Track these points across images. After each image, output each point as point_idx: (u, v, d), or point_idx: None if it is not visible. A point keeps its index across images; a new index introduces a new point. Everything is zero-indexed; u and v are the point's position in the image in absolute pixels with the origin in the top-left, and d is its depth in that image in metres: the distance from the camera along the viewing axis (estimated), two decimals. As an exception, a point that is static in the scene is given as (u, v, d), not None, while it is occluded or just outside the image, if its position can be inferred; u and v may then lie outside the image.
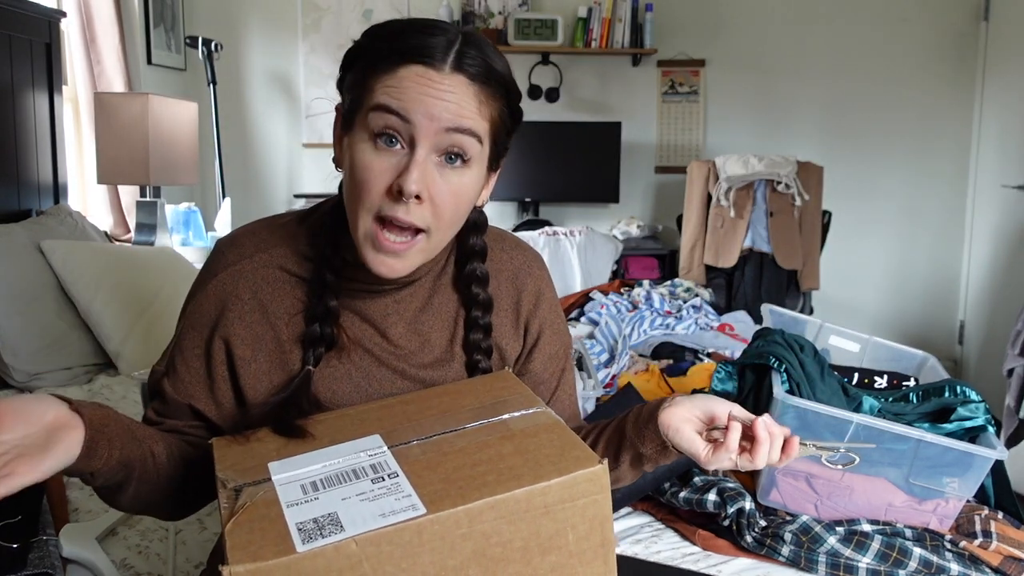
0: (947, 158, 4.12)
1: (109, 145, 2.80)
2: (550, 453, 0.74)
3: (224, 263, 0.93)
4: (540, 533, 0.70)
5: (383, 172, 0.83)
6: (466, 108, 0.83)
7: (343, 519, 0.67)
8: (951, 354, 4.21)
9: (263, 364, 0.92)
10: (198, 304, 0.93)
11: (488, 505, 0.68)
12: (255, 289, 0.92)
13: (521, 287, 1.01)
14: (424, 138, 0.82)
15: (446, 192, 0.84)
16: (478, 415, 0.82)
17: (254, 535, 0.66)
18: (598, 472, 0.71)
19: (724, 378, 1.60)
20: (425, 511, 0.67)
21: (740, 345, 2.27)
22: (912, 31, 4.06)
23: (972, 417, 1.40)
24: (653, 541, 1.37)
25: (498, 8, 4.03)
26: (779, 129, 4.16)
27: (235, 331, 0.92)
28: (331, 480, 0.73)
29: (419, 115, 0.81)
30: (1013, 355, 2.73)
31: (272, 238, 0.95)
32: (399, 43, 0.83)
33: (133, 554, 1.30)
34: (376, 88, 0.83)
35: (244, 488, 0.73)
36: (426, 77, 0.81)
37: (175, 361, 0.94)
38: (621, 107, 4.18)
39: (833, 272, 3.99)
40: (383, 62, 0.83)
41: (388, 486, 0.71)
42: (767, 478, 1.40)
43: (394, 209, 0.83)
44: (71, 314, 2.23)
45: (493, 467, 0.72)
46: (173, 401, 0.93)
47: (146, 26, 3.55)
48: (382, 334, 0.95)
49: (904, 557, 1.23)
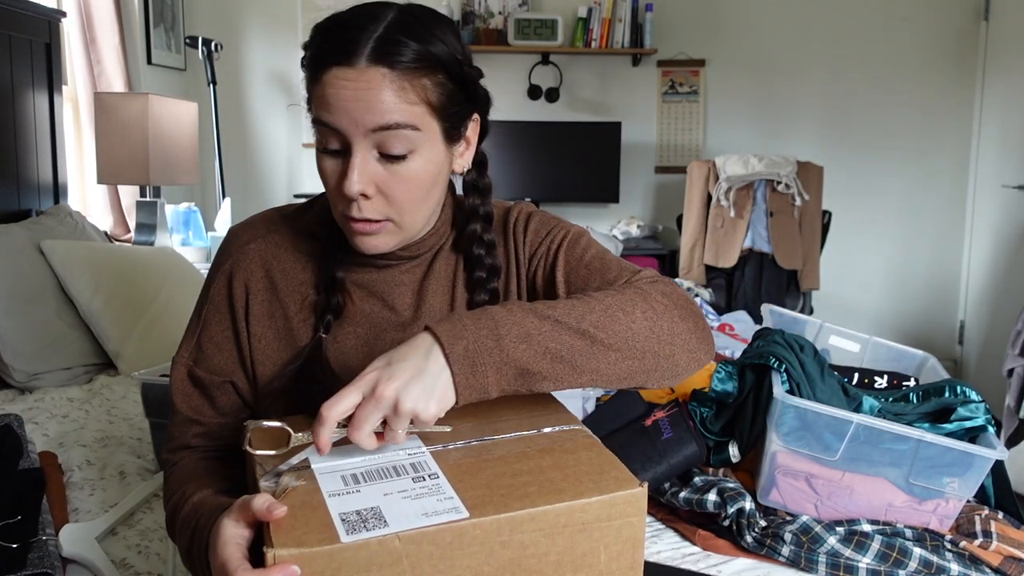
0: (947, 158, 4.12)
1: (109, 145, 2.80)
2: (589, 471, 0.73)
3: (238, 244, 0.97)
4: (575, 550, 0.70)
5: (333, 174, 0.86)
6: (387, 102, 0.82)
7: (386, 514, 0.67)
8: (951, 354, 4.20)
9: (272, 341, 0.95)
10: (218, 287, 0.96)
11: (530, 516, 0.68)
12: (267, 267, 0.95)
13: (507, 226, 1.00)
14: (356, 140, 0.83)
15: (395, 183, 0.86)
16: (517, 426, 0.82)
17: (297, 520, 0.66)
18: (637, 495, 0.71)
19: (724, 378, 1.60)
20: (468, 515, 0.67)
21: (740, 345, 2.27)
22: (912, 31, 4.06)
23: (972, 417, 1.40)
24: (653, 541, 1.37)
25: (498, 8, 4.03)
26: (779, 129, 4.16)
27: (252, 308, 0.94)
28: (372, 475, 0.72)
29: (344, 122, 0.82)
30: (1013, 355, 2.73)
31: (282, 221, 0.99)
32: (322, 44, 0.84)
33: (133, 554, 1.30)
34: (313, 97, 0.85)
35: (284, 472, 0.73)
36: (343, 79, 0.81)
37: (203, 346, 0.96)
38: (621, 107, 4.18)
39: (833, 272, 3.99)
40: (312, 68, 0.84)
41: (429, 486, 0.71)
42: (767, 478, 1.40)
43: (349, 208, 0.86)
44: (71, 314, 2.23)
45: (534, 479, 0.72)
46: (211, 384, 0.95)
47: (146, 26, 3.55)
48: (389, 306, 0.96)
49: (904, 557, 1.23)
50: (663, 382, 0.86)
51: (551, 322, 0.78)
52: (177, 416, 0.97)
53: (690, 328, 0.86)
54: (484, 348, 0.75)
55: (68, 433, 1.78)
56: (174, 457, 0.96)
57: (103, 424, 1.85)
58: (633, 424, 1.55)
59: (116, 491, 1.50)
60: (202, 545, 0.77)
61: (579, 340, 0.78)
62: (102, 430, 1.80)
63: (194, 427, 0.96)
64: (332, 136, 0.84)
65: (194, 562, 0.82)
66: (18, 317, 2.08)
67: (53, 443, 1.73)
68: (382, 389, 0.72)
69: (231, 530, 0.70)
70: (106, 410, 1.94)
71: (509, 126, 3.98)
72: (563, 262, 0.96)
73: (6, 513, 1.27)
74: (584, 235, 1.00)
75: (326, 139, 0.85)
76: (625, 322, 0.81)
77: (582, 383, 0.80)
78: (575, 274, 0.95)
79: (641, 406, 1.61)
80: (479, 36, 3.98)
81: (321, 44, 0.84)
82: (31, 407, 1.93)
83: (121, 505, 1.40)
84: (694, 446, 1.46)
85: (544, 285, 0.97)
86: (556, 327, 0.78)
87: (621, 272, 0.93)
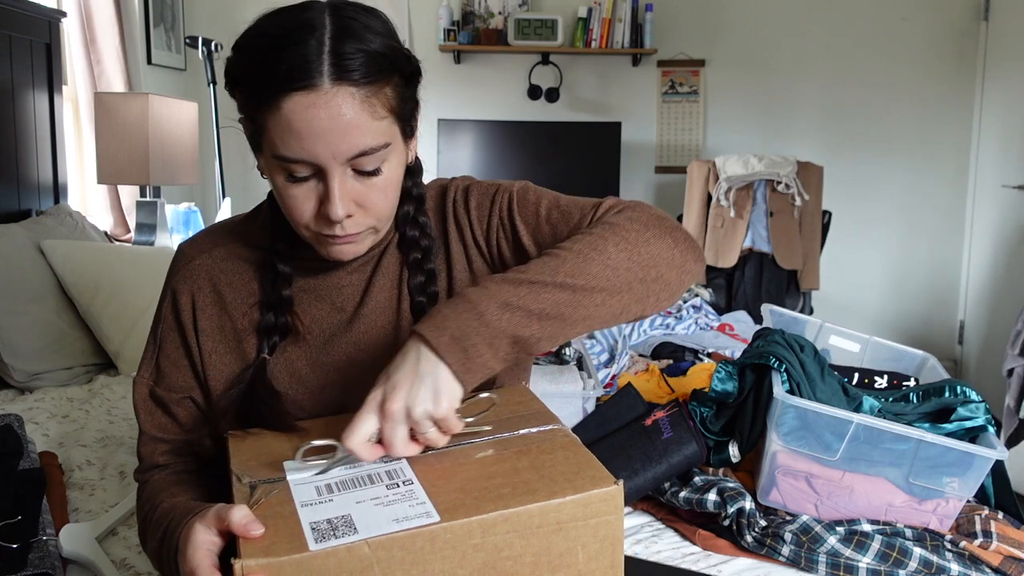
0: (947, 158, 4.12)
1: (109, 145, 2.80)
2: (565, 471, 0.73)
3: (184, 260, 0.96)
4: (551, 550, 0.70)
5: (305, 200, 0.83)
6: (362, 124, 0.79)
7: (357, 521, 0.67)
8: (951, 354, 4.20)
9: (223, 355, 0.94)
10: (168, 304, 0.96)
11: (502, 518, 0.68)
12: (214, 281, 0.94)
13: (447, 211, 0.97)
14: (333, 168, 0.80)
15: (372, 194, 0.84)
16: (494, 428, 0.82)
17: (267, 531, 0.66)
18: (612, 492, 0.71)
19: (724, 378, 1.60)
20: (439, 519, 0.67)
21: (740, 345, 2.27)
22: (912, 31, 4.06)
23: (972, 417, 1.40)
24: (653, 541, 1.37)
25: (498, 8, 4.03)
26: (779, 129, 4.16)
27: (200, 324, 0.94)
28: (346, 484, 0.73)
29: (320, 153, 0.79)
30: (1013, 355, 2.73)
31: (227, 234, 0.97)
32: (269, 65, 0.78)
33: (133, 554, 1.30)
34: (268, 128, 0.80)
35: (259, 484, 0.73)
36: (311, 107, 0.77)
37: (161, 365, 0.95)
38: (621, 107, 4.18)
39: (833, 272, 3.99)
40: (263, 96, 0.79)
41: (403, 492, 0.71)
42: (767, 478, 1.40)
43: (331, 228, 0.83)
44: (71, 314, 2.23)
45: (508, 480, 0.72)
46: (171, 402, 0.94)
47: (146, 26, 3.55)
48: (338, 308, 0.95)
49: (904, 557, 1.23)
50: (662, 304, 0.84)
51: (527, 285, 0.77)
52: (143, 436, 0.96)
53: (670, 245, 0.84)
54: (469, 329, 0.74)
55: (68, 433, 1.79)
56: (143, 477, 0.96)
57: (103, 424, 1.85)
58: (633, 424, 1.55)
59: (116, 491, 1.50)
60: (172, 546, 0.76)
61: (560, 293, 0.77)
62: (102, 430, 1.80)
63: (160, 445, 0.96)
64: (300, 165, 0.81)
65: (162, 563, 0.81)
66: (18, 317, 2.08)
67: (53, 443, 1.73)
68: (389, 406, 0.72)
69: (202, 535, 0.70)
70: (106, 410, 1.94)
71: (509, 126, 3.98)
72: (523, 226, 0.93)
73: (6, 513, 1.27)
74: (528, 188, 0.97)
75: (291, 168, 0.81)
76: (600, 261, 0.80)
77: (579, 332, 0.80)
78: (540, 232, 0.93)
79: (641, 406, 1.61)
80: (479, 36, 3.98)
81: (264, 68, 0.78)
82: (31, 407, 1.93)
83: (121, 505, 1.40)
84: (694, 446, 1.46)
85: (513, 253, 0.95)
86: (533, 288, 0.77)
87: (584, 213, 0.91)
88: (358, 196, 0.84)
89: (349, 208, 0.83)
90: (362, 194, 0.84)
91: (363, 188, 0.83)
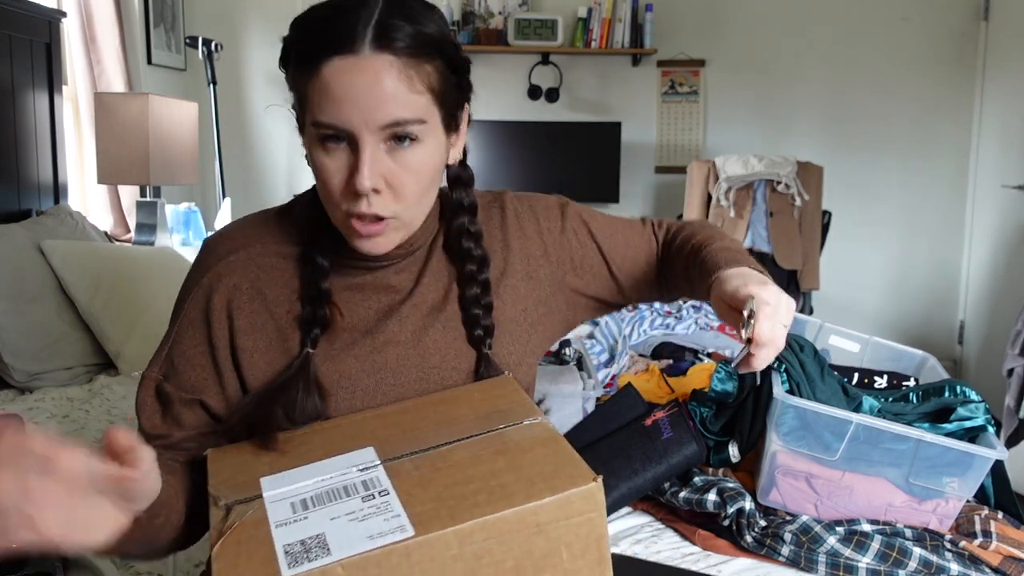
0: (947, 158, 4.12)
1: (109, 145, 2.80)
2: (544, 470, 0.72)
3: (216, 256, 0.93)
4: (533, 552, 0.69)
5: (337, 171, 0.83)
6: (398, 94, 0.80)
7: (330, 541, 0.66)
8: (951, 354, 4.20)
9: (265, 352, 0.91)
10: (194, 300, 0.93)
11: (478, 526, 0.67)
12: (253, 278, 0.92)
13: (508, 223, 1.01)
14: (364, 137, 0.81)
15: (403, 174, 0.84)
16: (474, 426, 0.81)
17: (240, 557, 0.66)
18: (592, 490, 0.70)
19: (724, 378, 1.60)
20: (413, 533, 0.66)
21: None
22: (912, 31, 4.06)
23: (972, 417, 1.40)
24: (653, 541, 1.37)
25: (498, 8, 4.03)
26: (779, 129, 4.16)
27: (236, 322, 0.91)
28: (321, 498, 0.72)
29: (354, 119, 0.80)
30: (1013, 355, 2.73)
31: (262, 229, 0.95)
32: (316, 33, 0.81)
33: (133, 554, 1.30)
34: (309, 95, 0.82)
35: (234, 506, 0.73)
36: (348, 71, 0.79)
37: (175, 362, 0.92)
38: (621, 107, 4.19)
39: (833, 272, 3.99)
40: (306, 62, 0.81)
41: (378, 504, 0.70)
42: (767, 478, 1.40)
43: (357, 204, 0.83)
44: (71, 314, 2.23)
45: (485, 485, 0.71)
46: (178, 401, 0.91)
47: (146, 26, 3.55)
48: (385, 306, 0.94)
49: (904, 557, 1.23)
50: None
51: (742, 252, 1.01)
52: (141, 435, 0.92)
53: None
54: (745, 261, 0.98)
55: (68, 433, 1.78)
56: None
57: (103, 424, 1.85)
58: (633, 424, 1.55)
59: (116, 491, 1.50)
60: None
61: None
62: (102, 430, 1.80)
63: (155, 441, 0.92)
64: (334, 133, 0.82)
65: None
66: (18, 317, 2.08)
67: (53, 443, 1.73)
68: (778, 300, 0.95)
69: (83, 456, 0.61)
70: (106, 410, 1.94)
71: (509, 126, 3.98)
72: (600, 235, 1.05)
73: (6, 513, 1.27)
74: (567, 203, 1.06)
75: (326, 135, 0.83)
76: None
77: None
78: (612, 241, 1.05)
79: (641, 406, 1.61)
80: (479, 36, 3.98)
81: (311, 36, 0.81)
82: (31, 407, 1.93)
83: (121, 505, 1.40)
84: (694, 446, 1.46)
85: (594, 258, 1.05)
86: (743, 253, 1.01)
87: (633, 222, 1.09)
88: (388, 173, 0.83)
89: (376, 182, 0.82)
90: (392, 173, 0.83)
91: (395, 167, 0.83)
